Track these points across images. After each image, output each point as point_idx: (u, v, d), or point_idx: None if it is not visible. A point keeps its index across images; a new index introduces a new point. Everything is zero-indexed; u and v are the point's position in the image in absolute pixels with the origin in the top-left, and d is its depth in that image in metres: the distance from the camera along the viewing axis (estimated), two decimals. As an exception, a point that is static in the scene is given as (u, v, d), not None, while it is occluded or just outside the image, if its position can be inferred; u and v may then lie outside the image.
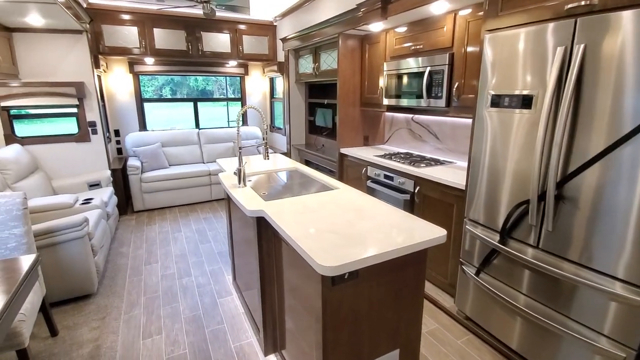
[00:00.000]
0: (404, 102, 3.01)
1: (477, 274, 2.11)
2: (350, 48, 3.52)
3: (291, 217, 1.58)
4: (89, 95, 3.76)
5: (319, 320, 1.29)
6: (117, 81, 4.75)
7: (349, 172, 3.65)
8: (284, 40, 4.67)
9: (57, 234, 2.35)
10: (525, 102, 1.72)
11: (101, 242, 2.85)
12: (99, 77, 4.39)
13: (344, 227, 1.46)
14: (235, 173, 2.12)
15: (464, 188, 2.24)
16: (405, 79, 2.97)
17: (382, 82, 3.32)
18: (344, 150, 3.67)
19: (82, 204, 3.09)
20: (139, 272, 2.97)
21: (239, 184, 2.08)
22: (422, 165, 2.84)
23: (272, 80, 5.67)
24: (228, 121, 6.00)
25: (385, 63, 3.19)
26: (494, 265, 2.02)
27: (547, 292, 1.73)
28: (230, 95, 6.07)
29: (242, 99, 5.71)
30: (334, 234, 1.39)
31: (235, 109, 6.07)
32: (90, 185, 3.74)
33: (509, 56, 1.79)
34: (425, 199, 2.63)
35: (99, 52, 4.17)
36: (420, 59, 2.78)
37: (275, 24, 5.07)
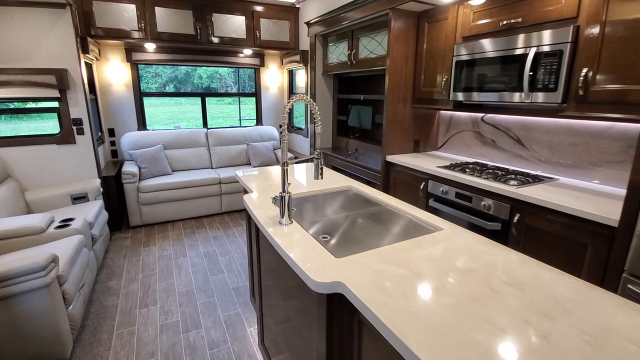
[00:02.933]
0: (487, 97, 2.26)
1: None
2: (403, 28, 2.76)
3: (406, 306, 0.83)
4: (73, 86, 3.02)
5: None
6: (112, 71, 4.01)
7: (398, 185, 2.90)
8: (309, 24, 3.92)
9: (9, 283, 1.62)
10: None
11: (80, 281, 2.11)
12: (90, 65, 3.67)
13: None
14: (274, 201, 1.37)
15: (615, 225, 1.49)
16: (488, 67, 2.22)
17: (446, 71, 2.57)
18: (391, 158, 2.92)
19: (59, 227, 2.36)
20: (131, 321, 2.23)
21: (282, 217, 1.34)
22: (512, 181, 2.08)
23: (291, 73, 4.93)
24: (240, 120, 5.26)
25: (455, 46, 2.44)
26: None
27: None
28: (238, 92, 5.33)
29: (256, 94, 4.96)
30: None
31: (246, 106, 5.33)
32: (75, 198, 3.01)
33: None
34: (531, 232, 1.87)
35: (90, 34, 3.44)
36: (517, 37, 2.03)
37: (297, 5, 4.32)
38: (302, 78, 4.65)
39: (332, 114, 4.21)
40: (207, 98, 4.72)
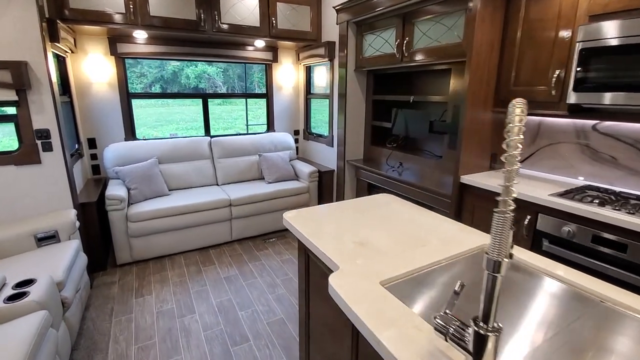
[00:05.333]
0: (635, 99, 1.57)
1: None
2: (490, 6, 2.06)
3: None
4: (36, 85, 2.22)
5: None
6: (92, 67, 3.20)
7: (477, 216, 2.20)
8: (339, 9, 3.19)
9: None
10: None
11: (41, 394, 1.33)
12: (62, 58, 2.86)
13: None
14: (449, 338, 0.63)
15: None
16: (645, 55, 1.53)
17: (559, 63, 1.88)
18: (467, 179, 2.22)
19: (11, 297, 1.57)
20: None
21: (467, 370, 0.61)
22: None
23: (308, 70, 4.18)
24: (247, 125, 4.49)
25: (580, 27, 1.74)
26: None
27: None
28: (245, 93, 4.55)
29: (267, 95, 4.20)
30: None
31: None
32: (40, 239, 2.21)
33: None
34: None
35: (62, 17, 2.63)
36: None
37: (320, -12, 3.59)
38: (321, 76, 3.92)
39: (366, 117, 3.49)
40: (193, 99, 3.90)
